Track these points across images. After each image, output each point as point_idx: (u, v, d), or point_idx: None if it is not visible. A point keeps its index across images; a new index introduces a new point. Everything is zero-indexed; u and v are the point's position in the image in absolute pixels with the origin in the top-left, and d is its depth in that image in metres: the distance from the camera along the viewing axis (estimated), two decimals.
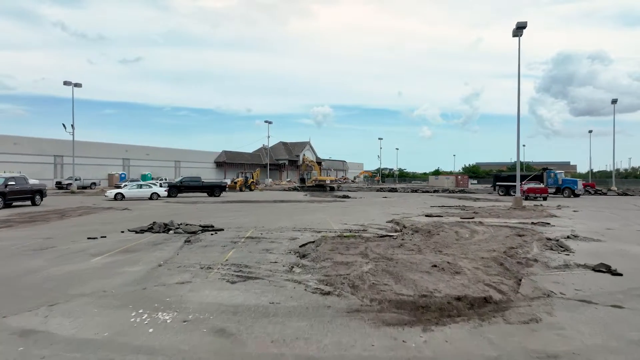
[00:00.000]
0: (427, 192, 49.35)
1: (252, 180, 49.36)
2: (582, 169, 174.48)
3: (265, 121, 65.23)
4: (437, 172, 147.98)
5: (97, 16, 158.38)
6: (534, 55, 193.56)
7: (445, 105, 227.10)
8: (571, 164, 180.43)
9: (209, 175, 72.77)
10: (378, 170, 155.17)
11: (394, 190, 51.73)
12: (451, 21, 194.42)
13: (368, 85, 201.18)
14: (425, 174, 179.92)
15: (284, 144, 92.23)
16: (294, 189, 53.25)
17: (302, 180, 53.58)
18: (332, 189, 50.50)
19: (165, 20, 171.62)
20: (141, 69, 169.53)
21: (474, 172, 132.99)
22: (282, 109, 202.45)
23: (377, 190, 52.52)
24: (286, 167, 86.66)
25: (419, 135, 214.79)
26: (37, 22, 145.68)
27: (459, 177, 79.25)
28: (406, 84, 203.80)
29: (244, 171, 54.27)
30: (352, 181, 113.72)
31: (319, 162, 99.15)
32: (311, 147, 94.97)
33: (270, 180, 75.63)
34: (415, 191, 49.68)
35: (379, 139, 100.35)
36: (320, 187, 50.19)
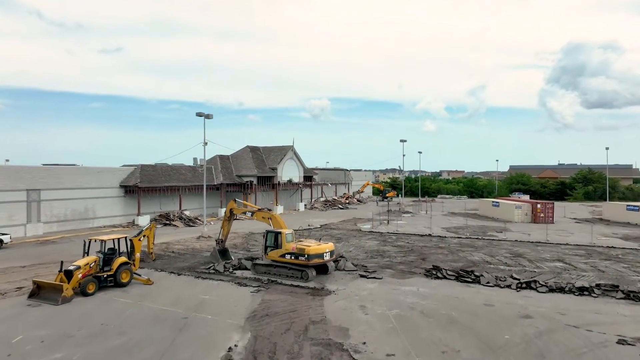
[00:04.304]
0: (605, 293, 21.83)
1: (91, 272, 21.01)
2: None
3: (199, 114, 37.59)
4: (473, 184, 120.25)
5: (75, 3, 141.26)
6: (543, 45, 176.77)
7: (449, 99, 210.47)
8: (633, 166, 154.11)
9: (110, 209, 45.25)
10: (394, 182, 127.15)
11: (473, 283, 24.35)
12: (457, 9, 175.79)
13: (369, 76, 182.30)
14: (448, 181, 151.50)
15: (253, 150, 64.76)
16: (237, 266, 25.80)
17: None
18: (322, 269, 23.50)
19: (150, 6, 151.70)
20: (124, 60, 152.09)
21: (523, 184, 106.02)
22: (276, 103, 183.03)
23: (438, 283, 25.14)
24: (255, 187, 59.23)
25: (422, 130, 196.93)
26: (12, 10, 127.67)
27: (538, 204, 51.96)
28: (409, 75, 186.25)
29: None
30: (357, 200, 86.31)
31: (309, 176, 71.88)
32: (295, 154, 67.54)
33: (222, 212, 48.12)
34: (552, 289, 21.92)
35: (401, 141, 72.51)
36: (294, 270, 23.12)
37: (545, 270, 25.74)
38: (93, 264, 20.79)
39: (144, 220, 45.15)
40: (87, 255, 21.54)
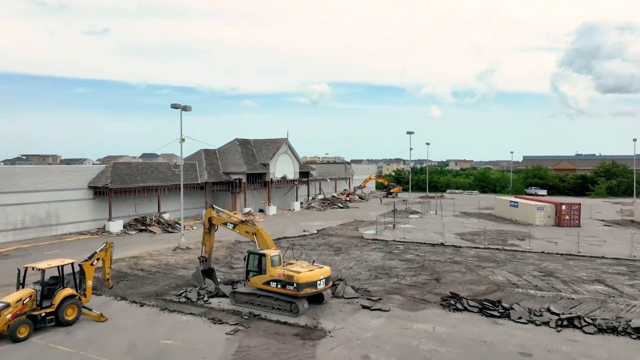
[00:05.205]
0: None
1: (25, 310, 16.96)
2: None
3: (174, 106, 34.11)
4: (485, 177, 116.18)
5: None
6: (555, 26, 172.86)
7: (456, 82, 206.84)
8: None
9: (77, 214, 41.94)
10: (399, 175, 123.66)
11: (501, 317, 21.21)
12: None
13: (371, 60, 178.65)
14: (457, 174, 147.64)
15: (243, 143, 61.32)
16: (214, 293, 22.50)
17: None
18: (317, 297, 20.42)
19: None
20: (112, 42, 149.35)
21: (540, 178, 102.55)
22: (273, 88, 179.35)
23: None
24: (244, 185, 55.87)
25: (427, 115, 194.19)
26: None
27: (563, 206, 48.67)
28: (413, 58, 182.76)
29: None
30: (359, 197, 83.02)
31: (306, 172, 68.62)
32: (290, 148, 64.15)
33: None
34: (601, 329, 18.79)
35: (408, 133, 69.16)
36: (282, 300, 19.91)
37: (586, 296, 22.49)
38: (28, 299, 17.48)
39: (116, 226, 41.90)
40: (22, 287, 18.26)
